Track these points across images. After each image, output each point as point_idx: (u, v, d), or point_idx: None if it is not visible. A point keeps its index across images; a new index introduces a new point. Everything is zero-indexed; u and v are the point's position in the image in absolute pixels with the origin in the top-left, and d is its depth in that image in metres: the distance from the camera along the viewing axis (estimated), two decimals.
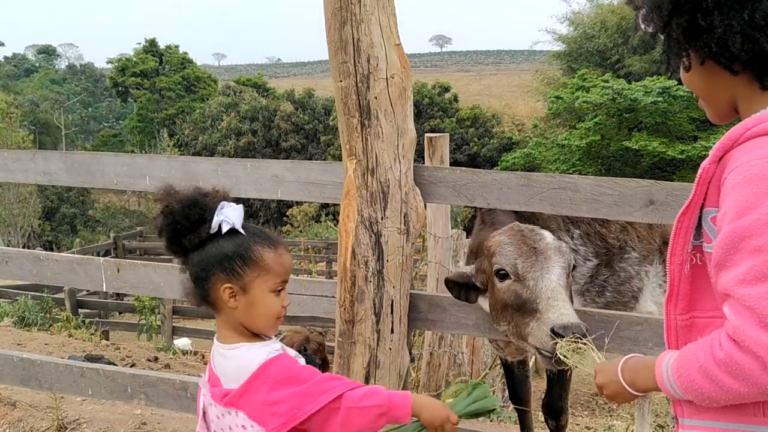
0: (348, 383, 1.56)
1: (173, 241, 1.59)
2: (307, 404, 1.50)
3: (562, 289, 1.97)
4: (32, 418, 3.43)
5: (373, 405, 1.53)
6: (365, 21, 2.24)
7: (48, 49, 77.10)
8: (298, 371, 1.56)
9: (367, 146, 2.32)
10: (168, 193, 1.59)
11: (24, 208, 27.80)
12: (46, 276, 2.99)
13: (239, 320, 1.60)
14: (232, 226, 1.57)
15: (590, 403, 8.91)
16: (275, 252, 1.61)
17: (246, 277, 1.57)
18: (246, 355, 1.58)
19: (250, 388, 1.54)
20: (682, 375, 1.19)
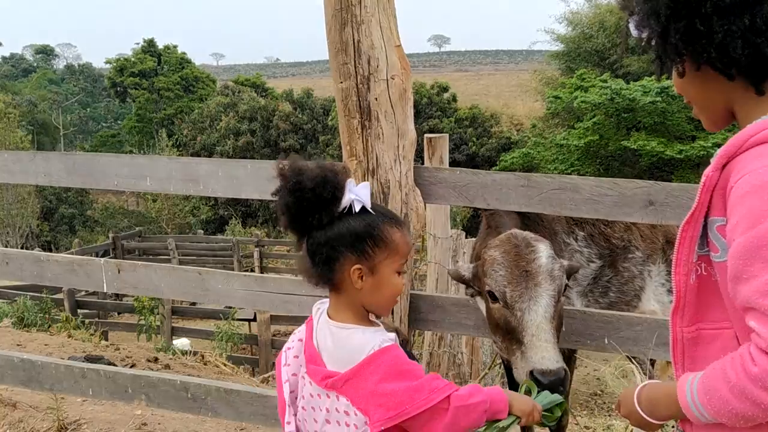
0: (451, 384, 1.51)
1: (298, 219, 1.53)
2: (417, 400, 1.45)
3: (547, 323, 1.95)
4: (33, 418, 3.44)
5: (479, 401, 1.51)
6: (366, 22, 2.25)
7: (46, 49, 76.99)
8: (410, 365, 1.51)
9: (368, 147, 2.33)
10: (295, 170, 1.52)
11: (22, 209, 27.76)
12: (46, 277, 2.99)
13: (362, 301, 1.56)
14: (363, 205, 1.53)
15: (589, 403, 8.93)
16: (402, 232, 1.58)
17: (376, 258, 1.53)
18: (360, 339, 1.52)
19: (358, 374, 1.49)
20: (712, 398, 1.14)
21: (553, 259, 2.09)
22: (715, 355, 1.23)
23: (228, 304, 3.16)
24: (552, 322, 1.97)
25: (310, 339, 1.61)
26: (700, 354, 1.28)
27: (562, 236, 2.70)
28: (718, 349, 1.24)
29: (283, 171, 1.53)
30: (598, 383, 9.84)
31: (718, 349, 1.24)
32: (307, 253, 1.56)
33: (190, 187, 2.75)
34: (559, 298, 2.04)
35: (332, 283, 1.56)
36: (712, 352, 1.25)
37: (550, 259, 2.09)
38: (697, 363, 1.28)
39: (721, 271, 1.21)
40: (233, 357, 8.75)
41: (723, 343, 1.24)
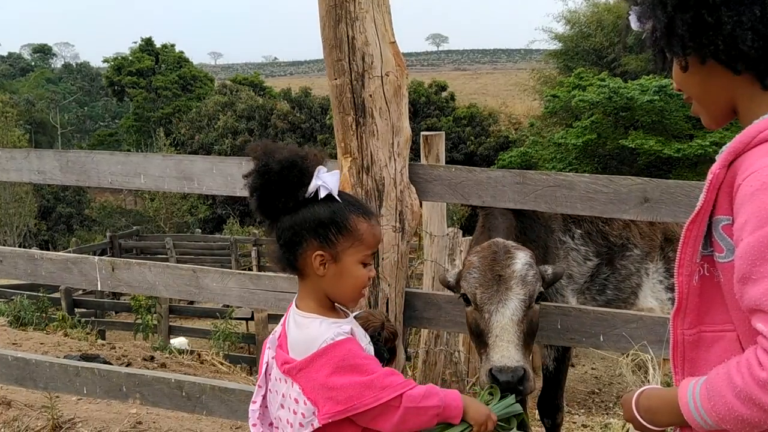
0: (406, 382, 1.52)
1: (265, 202, 1.53)
2: (367, 397, 1.46)
3: (512, 326, 1.96)
4: (27, 417, 3.42)
5: (431, 406, 1.51)
6: (360, 19, 2.24)
7: (44, 48, 76.85)
8: (362, 360, 1.51)
9: (362, 144, 2.32)
10: (265, 151, 1.53)
11: (20, 208, 27.71)
12: (40, 275, 2.98)
13: (324, 289, 1.57)
14: (329, 192, 1.53)
15: (587, 401, 8.93)
16: (369, 223, 1.57)
17: (339, 246, 1.53)
18: (316, 330, 1.53)
19: (311, 365, 1.50)
20: (716, 404, 1.10)
21: (529, 267, 2.09)
22: (716, 358, 1.21)
23: (223, 303, 3.15)
24: (519, 326, 1.97)
25: (284, 324, 1.63)
26: (701, 357, 1.25)
27: (558, 234, 2.69)
28: (720, 351, 1.22)
29: (255, 153, 1.54)
30: (595, 382, 9.84)
31: (719, 352, 1.22)
32: (276, 238, 1.56)
33: (184, 184, 2.73)
34: (530, 303, 2.04)
35: (296, 268, 1.57)
36: (713, 355, 1.23)
37: (525, 266, 2.10)
38: (697, 366, 1.25)
39: (725, 271, 1.19)
40: (231, 356, 8.73)
41: (725, 346, 1.22)
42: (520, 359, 1.87)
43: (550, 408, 2.87)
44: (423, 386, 1.54)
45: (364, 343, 1.61)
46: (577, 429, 5.53)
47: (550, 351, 2.80)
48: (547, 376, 2.85)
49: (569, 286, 2.70)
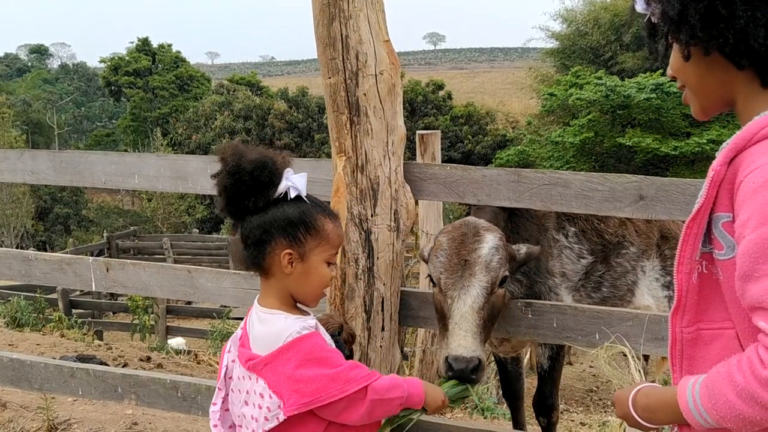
0: (371, 374, 1.55)
1: (235, 201, 1.57)
2: (332, 389, 1.49)
3: (472, 313, 1.98)
4: (23, 418, 3.41)
5: (396, 397, 1.57)
6: (354, 17, 2.23)
7: (40, 48, 76.72)
8: (328, 353, 1.55)
9: (357, 143, 2.31)
10: (235, 152, 1.56)
11: (17, 209, 27.67)
12: (35, 276, 2.96)
13: (289, 287, 1.61)
14: (299, 193, 1.58)
15: (585, 400, 8.93)
16: (334, 223, 1.65)
17: (307, 245, 1.58)
18: (281, 324, 1.57)
19: (277, 359, 1.52)
20: (717, 402, 1.09)
21: (495, 251, 2.09)
22: (714, 356, 1.20)
23: (218, 303, 3.14)
24: (479, 313, 2.00)
25: (245, 324, 1.67)
26: (699, 355, 1.24)
27: (551, 232, 2.69)
28: (718, 349, 1.21)
29: (224, 154, 1.57)
30: (593, 380, 9.85)
31: (718, 350, 1.21)
32: (241, 237, 1.60)
33: (179, 184, 2.72)
34: (492, 289, 2.05)
35: (262, 267, 1.61)
36: (712, 352, 1.22)
37: (492, 250, 2.09)
38: (695, 364, 1.25)
39: (725, 269, 1.18)
40: None
41: (723, 344, 1.21)
42: (476, 349, 1.92)
43: (545, 407, 2.87)
44: (387, 377, 1.59)
45: (328, 339, 1.64)
46: (576, 427, 5.54)
47: (545, 349, 2.79)
48: (542, 375, 2.85)
49: (563, 283, 2.69)
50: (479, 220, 2.22)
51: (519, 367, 3.17)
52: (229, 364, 1.68)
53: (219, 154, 1.59)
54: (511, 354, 3.08)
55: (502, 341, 2.88)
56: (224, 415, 1.69)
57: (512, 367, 3.13)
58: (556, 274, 2.67)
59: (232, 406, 1.66)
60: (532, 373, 6.17)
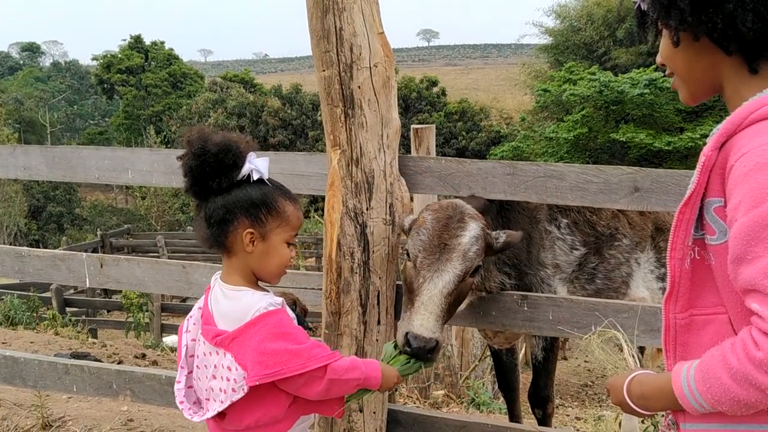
0: (332, 354, 1.63)
1: (199, 182, 1.63)
2: (294, 364, 1.56)
3: (440, 297, 2.02)
4: (17, 416, 3.39)
5: (353, 378, 1.65)
6: (347, 9, 2.22)
7: (32, 46, 76.31)
8: (293, 330, 1.62)
9: (351, 136, 2.30)
10: (201, 136, 1.63)
11: (10, 207, 27.55)
12: (28, 272, 2.94)
13: (251, 266, 1.69)
14: (261, 176, 1.65)
15: (580, 394, 8.97)
16: (294, 206, 1.71)
17: (268, 225, 1.66)
18: (249, 300, 1.64)
19: (244, 333, 1.59)
20: (712, 386, 1.09)
21: (474, 241, 2.09)
22: (707, 341, 1.21)
23: None
24: (447, 298, 2.04)
25: (206, 304, 1.74)
26: (693, 340, 1.24)
27: (544, 224, 2.68)
28: (711, 334, 1.21)
29: (190, 137, 1.64)
30: (588, 375, 9.88)
31: (711, 335, 1.22)
32: (205, 217, 1.66)
33: (172, 179, 2.70)
34: (464, 277, 2.08)
35: (225, 245, 1.68)
36: (705, 338, 1.22)
37: (472, 239, 2.10)
38: (689, 349, 1.25)
39: (717, 254, 1.18)
40: None
41: (716, 329, 1.21)
42: (436, 331, 1.97)
43: (541, 398, 2.87)
44: (347, 358, 1.67)
45: (290, 313, 1.71)
46: (571, 422, 5.55)
47: (538, 341, 2.79)
48: (537, 366, 2.85)
49: (556, 275, 2.69)
50: (466, 205, 2.21)
51: (514, 358, 3.18)
52: (189, 343, 1.75)
53: (185, 137, 1.65)
54: (505, 345, 3.08)
55: (496, 333, 2.88)
56: (188, 392, 1.76)
57: (507, 358, 3.14)
58: (549, 266, 2.67)
59: (197, 381, 1.73)
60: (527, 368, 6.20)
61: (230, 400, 1.61)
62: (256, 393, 1.60)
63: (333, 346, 2.42)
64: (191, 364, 1.76)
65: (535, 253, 2.62)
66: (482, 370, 6.15)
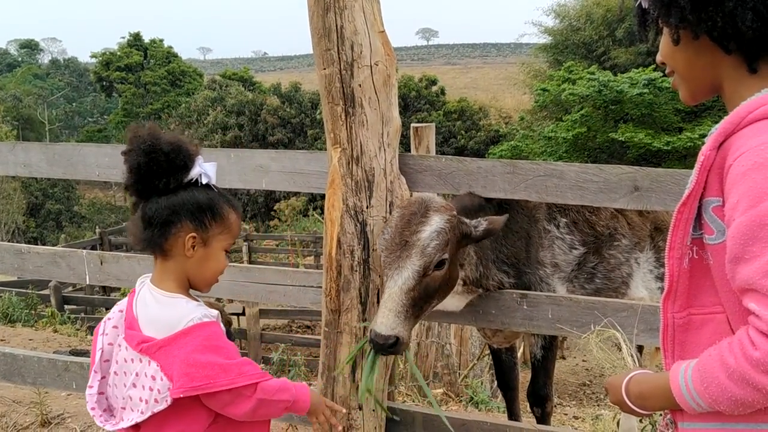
0: (262, 373, 1.58)
1: (146, 180, 1.59)
2: (222, 379, 1.51)
3: (401, 294, 2.05)
4: (16, 413, 3.40)
5: (283, 399, 1.61)
6: (349, 8, 2.22)
7: (30, 43, 76.15)
8: (225, 344, 1.58)
9: (352, 135, 2.30)
10: (153, 133, 1.59)
11: (8, 205, 27.51)
12: (27, 269, 2.95)
13: (187, 271, 1.64)
14: (209, 181, 1.63)
15: (578, 393, 8.98)
16: (237, 215, 1.70)
17: (211, 231, 1.64)
18: (184, 308, 1.59)
19: (174, 342, 1.54)
20: (710, 386, 1.10)
21: (435, 235, 2.10)
22: (705, 341, 1.21)
23: (213, 295, 3.14)
24: (409, 293, 2.06)
25: (131, 308, 1.67)
26: (691, 339, 1.25)
27: (542, 223, 2.69)
28: (709, 334, 1.22)
29: (139, 132, 1.60)
30: (586, 374, 9.90)
31: (708, 334, 1.22)
32: (143, 216, 1.62)
33: None
34: (425, 272, 2.08)
35: (162, 248, 1.63)
36: (703, 337, 1.23)
37: (432, 234, 2.10)
38: (687, 349, 1.25)
39: (715, 253, 1.18)
40: None
41: (714, 328, 1.22)
42: (395, 327, 2.01)
43: (540, 397, 2.88)
44: (278, 380, 1.62)
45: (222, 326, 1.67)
46: (569, 421, 5.56)
47: (537, 339, 2.80)
48: (536, 365, 2.86)
49: (555, 274, 2.70)
50: (434, 199, 2.22)
51: (513, 357, 3.18)
52: (105, 347, 1.68)
53: (132, 133, 1.61)
54: (504, 344, 3.09)
55: (495, 332, 2.88)
56: (100, 398, 1.70)
57: (507, 357, 3.14)
58: (547, 265, 2.67)
59: (112, 388, 1.67)
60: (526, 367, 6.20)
61: (151, 411, 1.55)
62: (177, 407, 1.55)
63: (333, 344, 2.43)
64: (106, 369, 1.69)
65: (534, 252, 2.63)
66: (481, 369, 6.15)
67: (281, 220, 26.37)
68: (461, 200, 2.56)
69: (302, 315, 10.58)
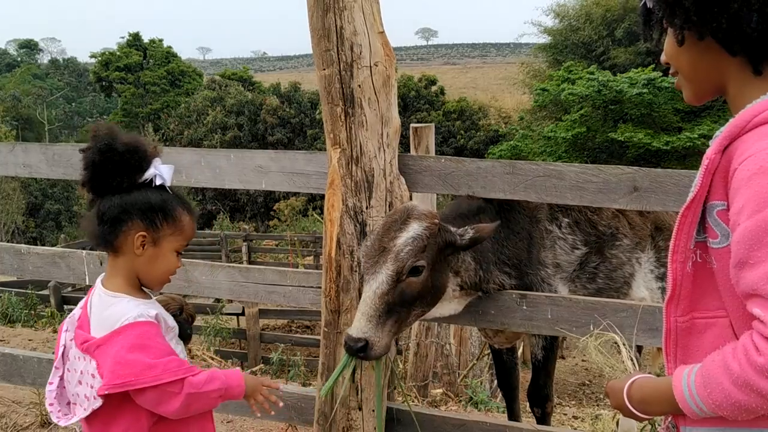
0: (189, 368, 1.60)
1: (99, 178, 1.64)
2: (147, 376, 1.54)
3: (374, 299, 2.09)
4: (15, 414, 3.40)
5: (213, 389, 1.63)
6: (348, 8, 2.22)
7: (30, 43, 76.11)
8: (155, 343, 1.59)
9: (351, 135, 2.30)
10: (110, 132, 1.64)
11: (7, 205, 27.49)
12: (27, 270, 2.94)
13: (137, 269, 1.68)
14: (163, 182, 1.66)
15: (577, 393, 8.98)
16: (191, 218, 1.73)
17: (162, 231, 1.67)
18: (122, 308, 1.62)
19: (108, 341, 1.58)
20: (713, 391, 1.09)
21: (411, 241, 2.12)
22: (708, 345, 1.21)
23: (212, 296, 3.14)
24: (383, 298, 2.09)
25: (86, 306, 1.71)
26: (694, 343, 1.24)
27: (544, 224, 2.68)
28: (712, 338, 1.21)
29: (97, 132, 1.64)
30: (586, 374, 9.90)
31: (712, 338, 1.21)
32: (97, 213, 1.66)
33: (172, 177, 2.70)
34: (399, 278, 2.11)
35: (113, 245, 1.67)
36: (706, 341, 1.22)
37: (407, 240, 2.12)
38: (690, 353, 1.25)
39: (719, 257, 1.18)
40: (222, 351, 8.71)
41: (717, 332, 1.21)
42: (367, 331, 2.05)
43: (540, 397, 2.88)
44: (205, 372, 1.64)
45: (170, 322, 1.71)
46: (568, 421, 5.56)
47: (538, 340, 2.80)
48: (536, 365, 2.85)
49: (557, 274, 2.70)
50: (417, 208, 2.23)
51: (514, 357, 3.18)
52: (67, 343, 1.72)
53: (93, 132, 1.65)
54: (506, 345, 3.08)
55: (497, 332, 2.88)
56: (61, 393, 1.74)
57: (508, 357, 3.14)
58: (549, 265, 2.67)
59: (67, 384, 1.71)
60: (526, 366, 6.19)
61: (91, 408, 1.61)
62: (119, 405, 1.60)
63: (333, 345, 2.43)
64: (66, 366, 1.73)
65: (536, 253, 2.63)
66: (480, 369, 6.15)
67: (281, 219, 26.38)
68: (458, 205, 2.56)
69: (302, 315, 10.58)
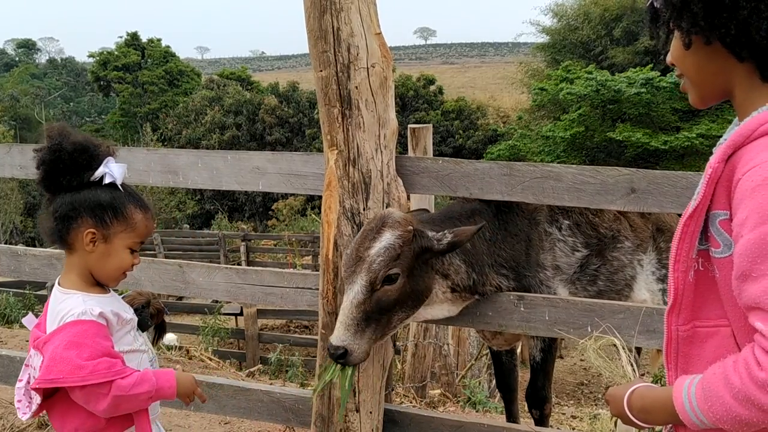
0: (119, 371, 1.62)
1: (50, 177, 1.68)
2: (73, 376, 1.57)
3: (351, 308, 2.14)
4: (12, 415, 3.38)
5: (142, 392, 1.64)
6: (345, 10, 2.22)
7: (28, 43, 75.96)
8: (92, 342, 1.61)
9: (348, 137, 2.30)
10: (61, 132, 1.68)
11: (5, 205, 27.44)
12: (24, 271, 2.94)
13: (89, 266, 1.72)
14: (113, 181, 1.70)
15: (576, 393, 8.99)
16: (144, 215, 1.76)
17: (112, 229, 1.70)
18: (69, 304, 1.66)
19: (51, 338, 1.62)
20: (714, 405, 1.08)
21: (383, 250, 2.14)
22: (710, 354, 1.20)
23: (210, 297, 3.14)
24: (359, 307, 2.13)
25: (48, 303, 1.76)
26: (695, 353, 1.23)
27: (543, 226, 2.67)
28: (714, 347, 1.21)
29: (51, 132, 1.69)
30: (584, 373, 9.91)
31: (713, 347, 1.21)
32: (51, 211, 1.71)
33: (169, 178, 2.71)
34: (373, 287, 2.14)
35: (65, 242, 1.72)
36: (708, 350, 1.22)
37: (380, 250, 2.14)
38: (691, 361, 1.24)
39: (722, 267, 1.17)
40: (220, 351, 8.70)
41: (719, 341, 1.21)
42: (345, 339, 2.11)
43: (538, 399, 2.87)
44: (136, 374, 1.65)
45: (126, 315, 1.75)
46: (567, 420, 5.56)
47: (537, 341, 2.79)
48: (535, 367, 2.85)
49: (557, 276, 2.68)
50: (393, 214, 2.23)
51: (513, 359, 3.17)
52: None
53: (47, 132, 1.70)
54: (505, 347, 3.08)
55: (495, 334, 2.88)
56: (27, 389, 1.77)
57: (507, 359, 3.13)
58: (548, 267, 2.66)
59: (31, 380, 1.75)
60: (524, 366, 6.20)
61: (35, 403, 1.66)
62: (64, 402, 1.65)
63: None
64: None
65: (534, 255, 2.61)
66: (478, 369, 6.15)
67: (279, 219, 26.38)
68: (450, 208, 2.56)
69: (300, 315, 10.58)
